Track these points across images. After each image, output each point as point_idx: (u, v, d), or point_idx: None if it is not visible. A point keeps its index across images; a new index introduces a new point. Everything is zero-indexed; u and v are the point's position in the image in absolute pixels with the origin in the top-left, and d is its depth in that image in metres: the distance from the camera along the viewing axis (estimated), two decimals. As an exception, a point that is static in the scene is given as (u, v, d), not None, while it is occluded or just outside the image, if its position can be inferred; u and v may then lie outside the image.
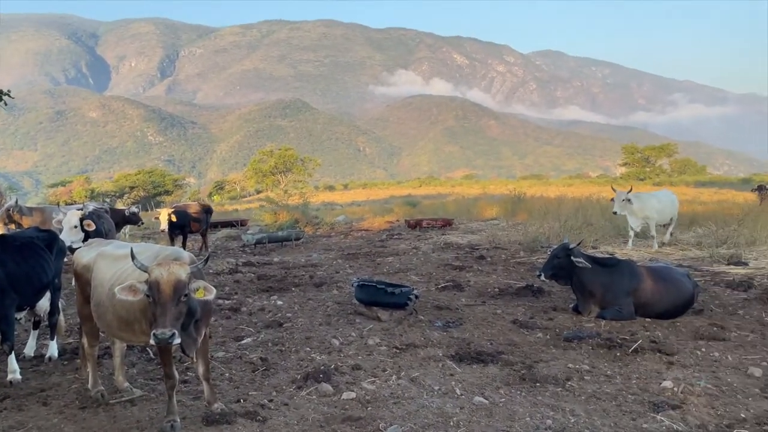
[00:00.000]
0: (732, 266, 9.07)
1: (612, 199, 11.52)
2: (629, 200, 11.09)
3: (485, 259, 10.82)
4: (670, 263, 7.96)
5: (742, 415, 3.62)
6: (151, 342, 3.23)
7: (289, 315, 6.67)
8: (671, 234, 12.27)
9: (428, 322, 6.21)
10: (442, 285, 8.30)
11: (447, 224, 17.73)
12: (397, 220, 20.87)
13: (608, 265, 6.42)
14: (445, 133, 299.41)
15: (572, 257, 6.34)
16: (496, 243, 13.18)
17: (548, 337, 5.58)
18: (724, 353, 4.88)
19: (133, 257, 3.49)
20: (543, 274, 6.59)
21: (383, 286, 6.65)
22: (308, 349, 5.27)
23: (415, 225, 17.52)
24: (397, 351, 5.20)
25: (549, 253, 6.84)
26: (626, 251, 11.01)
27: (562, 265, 6.46)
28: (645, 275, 6.27)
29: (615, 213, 11.41)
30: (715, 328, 5.61)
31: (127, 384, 4.34)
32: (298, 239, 15.04)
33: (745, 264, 9.15)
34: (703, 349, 5.01)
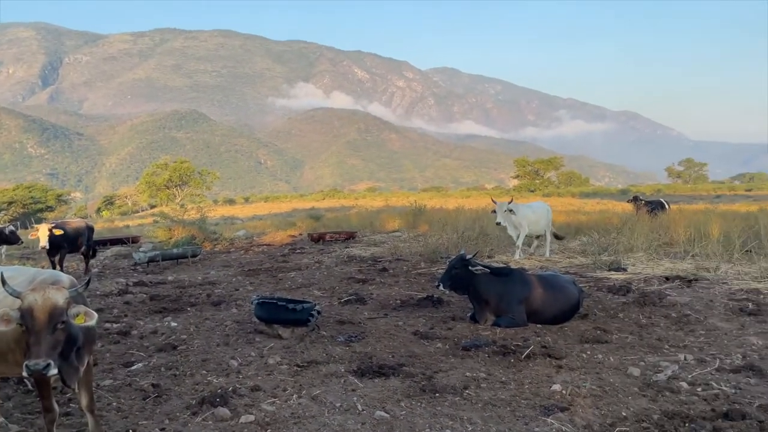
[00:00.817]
0: (613, 272, 9.77)
1: (493, 211, 11.88)
2: (511, 210, 11.53)
3: (387, 272, 10.94)
4: (557, 271, 8.43)
5: (624, 414, 3.88)
6: (24, 374, 2.96)
7: (184, 337, 6.36)
8: (549, 244, 12.67)
9: (330, 338, 6.16)
10: (345, 299, 8.28)
11: (350, 237, 17.78)
12: (300, 234, 20.66)
13: (502, 274, 6.70)
14: (347, 146, 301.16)
15: (470, 266, 6.56)
16: (398, 255, 13.38)
17: (447, 346, 5.71)
18: (607, 355, 5.22)
19: (3, 282, 3.18)
20: (442, 285, 6.76)
21: (284, 303, 6.52)
22: (204, 372, 5.05)
23: (318, 238, 17.42)
24: (299, 369, 5.10)
25: (447, 263, 7.03)
26: (518, 260, 11.55)
27: (460, 276, 6.66)
28: (536, 283, 6.60)
29: (498, 224, 11.76)
30: (598, 332, 6.00)
31: (2, 419, 3.96)
32: (194, 256, 14.44)
33: (624, 270, 9.89)
34: (588, 352, 5.33)
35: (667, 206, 17.64)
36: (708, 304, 7.15)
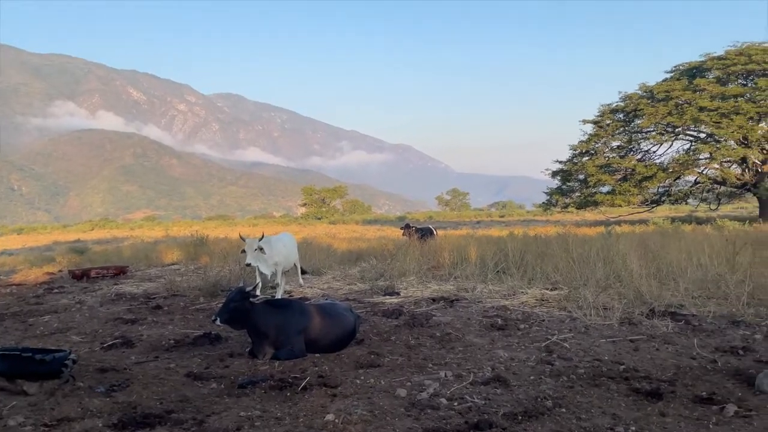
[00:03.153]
0: (387, 296, 10.37)
1: (243, 250, 10.06)
2: (261, 249, 9.88)
3: (161, 309, 10.18)
4: (335, 299, 8.67)
5: (391, 435, 4.08)
6: None
7: None
8: (300, 274, 12.02)
9: (88, 389, 5.48)
10: (109, 343, 7.47)
11: (121, 272, 16.21)
12: (60, 271, 18.27)
13: (281, 305, 6.67)
14: (121, 171, 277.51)
15: (250, 299, 6.40)
16: (175, 290, 12.54)
17: (222, 386, 5.46)
18: (379, 378, 5.47)
19: None
20: (219, 319, 6.49)
21: (30, 353, 5.66)
22: None
23: (81, 275, 15.55)
24: (47, 429, 4.44)
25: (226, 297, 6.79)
26: (302, 289, 11.65)
27: (238, 309, 6.46)
28: (314, 312, 6.69)
29: (248, 265, 9.81)
30: (372, 356, 6.28)
31: None
32: None
33: (397, 294, 10.56)
34: (363, 377, 5.54)
35: (435, 232, 19.39)
36: (466, 322, 7.95)
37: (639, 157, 43.04)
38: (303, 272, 12.44)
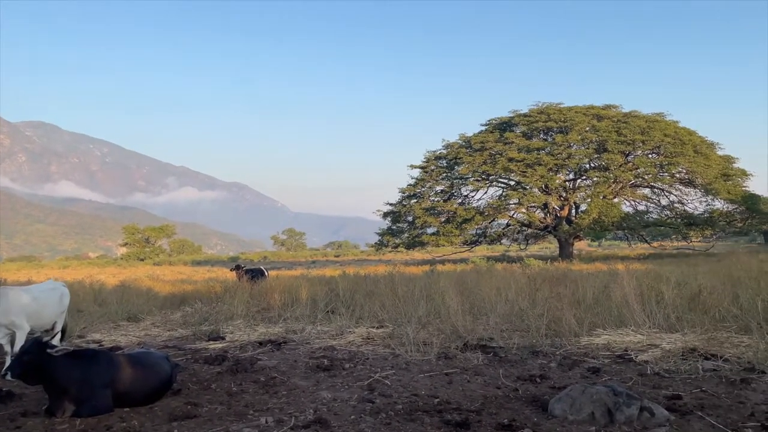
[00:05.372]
0: (212, 341, 9.89)
1: None
2: None
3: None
4: (151, 347, 8.07)
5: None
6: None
7: None
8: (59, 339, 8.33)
9: None
10: None
11: None
12: None
13: (85, 356, 6.04)
14: None
15: (48, 349, 5.71)
16: (-44, 344, 10.78)
17: (7, 454, 4.77)
18: (194, 430, 5.16)
19: None
20: (10, 374, 5.70)
21: None
22: None
23: None
24: None
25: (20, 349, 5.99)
26: (114, 337, 10.67)
27: (33, 362, 5.73)
28: (123, 363, 6.15)
29: None
30: (189, 406, 5.91)
31: None
32: None
33: (222, 338, 10.13)
34: (176, 431, 5.18)
35: (266, 273, 19.07)
36: (293, 365, 7.85)
37: (460, 201, 46.71)
38: (62, 333, 8.88)
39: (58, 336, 8.48)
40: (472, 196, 47.33)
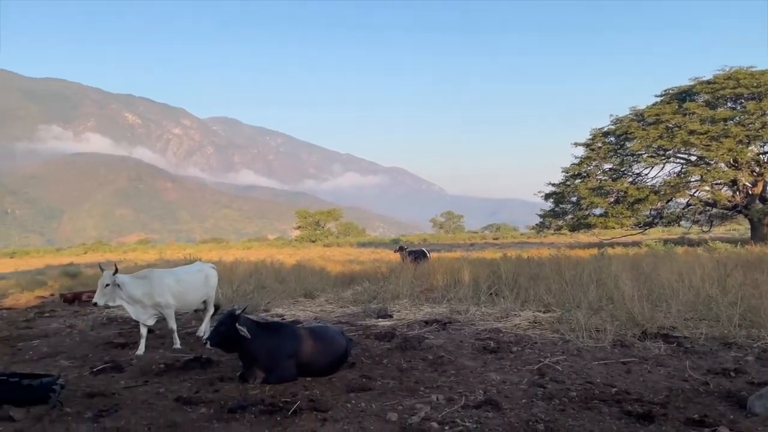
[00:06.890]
0: (380, 319, 10.33)
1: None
2: (118, 285, 8.14)
3: (153, 332, 10.09)
4: (327, 322, 8.63)
5: (381, 459, 4.04)
6: None
7: None
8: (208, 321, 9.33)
9: (76, 414, 5.42)
10: (99, 367, 7.40)
11: (112, 296, 16.08)
12: (52, 294, 18.11)
13: (271, 329, 6.63)
14: (115, 194, 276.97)
15: (237, 325, 6.36)
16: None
17: (212, 411, 5.41)
18: (370, 402, 5.43)
19: None
20: (210, 342, 6.46)
21: (17, 378, 5.61)
22: None
23: (72, 299, 15.43)
24: (32, 457, 4.38)
25: (217, 320, 6.76)
26: (294, 312, 11.59)
27: (228, 333, 6.43)
28: (305, 336, 6.65)
29: (95, 305, 8.15)
30: (364, 379, 6.24)
31: None
32: None
33: (390, 316, 10.52)
34: (354, 401, 5.50)
35: (428, 255, 19.38)
36: (459, 345, 7.92)
37: (631, 179, 43.29)
38: (215, 310, 9.62)
39: (209, 313, 9.38)
40: (646, 174, 43.61)
